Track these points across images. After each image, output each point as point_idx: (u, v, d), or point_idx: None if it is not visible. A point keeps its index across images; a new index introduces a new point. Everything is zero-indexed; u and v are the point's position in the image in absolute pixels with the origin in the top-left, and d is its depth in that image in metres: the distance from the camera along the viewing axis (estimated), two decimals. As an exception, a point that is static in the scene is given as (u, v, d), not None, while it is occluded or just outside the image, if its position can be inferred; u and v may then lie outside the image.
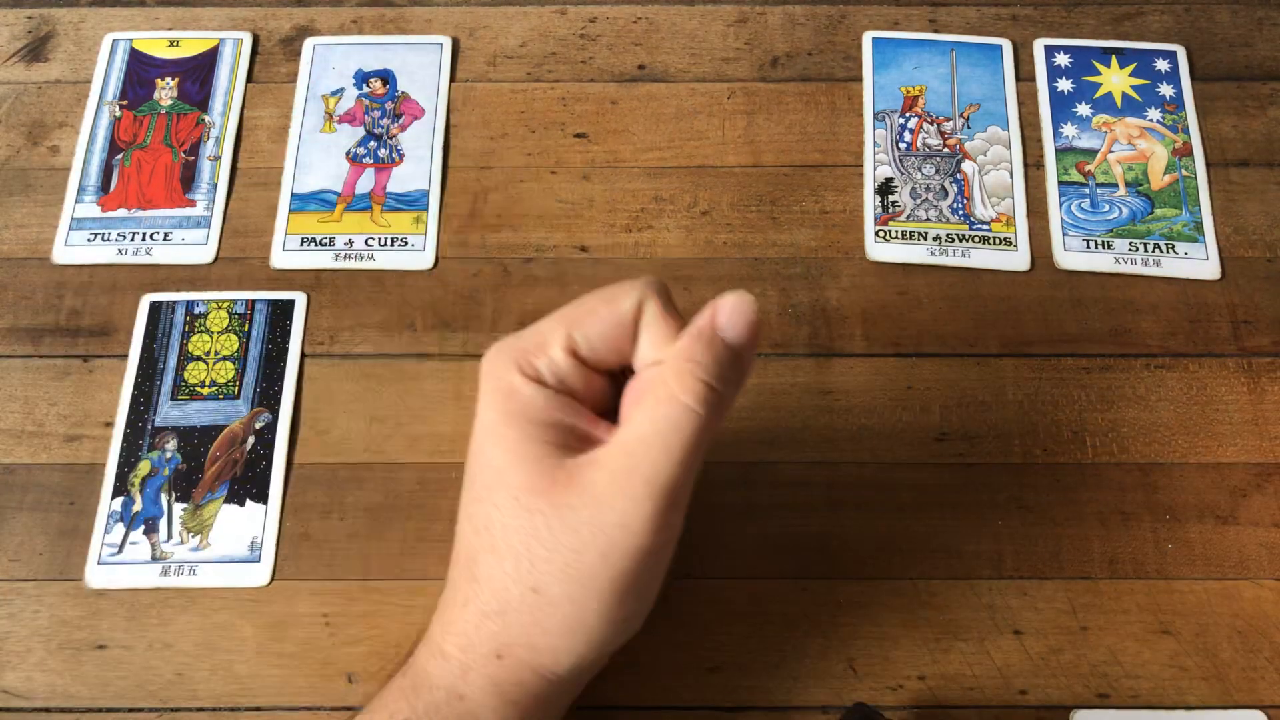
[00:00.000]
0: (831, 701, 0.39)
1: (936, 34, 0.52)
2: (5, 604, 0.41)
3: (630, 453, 0.30)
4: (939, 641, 0.40)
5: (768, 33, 0.53)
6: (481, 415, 0.32)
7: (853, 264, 0.47)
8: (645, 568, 0.31)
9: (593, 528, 0.30)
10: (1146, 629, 0.40)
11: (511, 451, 0.31)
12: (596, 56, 0.52)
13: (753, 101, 0.51)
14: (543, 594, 0.30)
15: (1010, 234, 0.48)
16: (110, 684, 0.40)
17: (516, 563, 0.30)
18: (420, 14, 0.53)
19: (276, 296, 0.47)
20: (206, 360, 0.45)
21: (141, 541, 0.42)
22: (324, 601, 0.41)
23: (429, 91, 0.51)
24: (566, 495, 0.30)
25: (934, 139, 0.50)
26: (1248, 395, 0.44)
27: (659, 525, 0.30)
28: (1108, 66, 0.51)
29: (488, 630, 0.31)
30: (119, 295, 0.47)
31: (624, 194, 0.49)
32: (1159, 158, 0.49)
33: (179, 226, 0.48)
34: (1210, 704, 0.39)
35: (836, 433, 0.44)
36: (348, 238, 0.48)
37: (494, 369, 0.32)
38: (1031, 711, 0.39)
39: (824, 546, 0.42)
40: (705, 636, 0.40)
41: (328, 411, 0.44)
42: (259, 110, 0.51)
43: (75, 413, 0.45)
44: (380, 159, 0.50)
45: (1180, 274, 0.47)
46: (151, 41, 0.53)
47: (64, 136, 0.50)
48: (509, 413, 0.31)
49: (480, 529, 0.31)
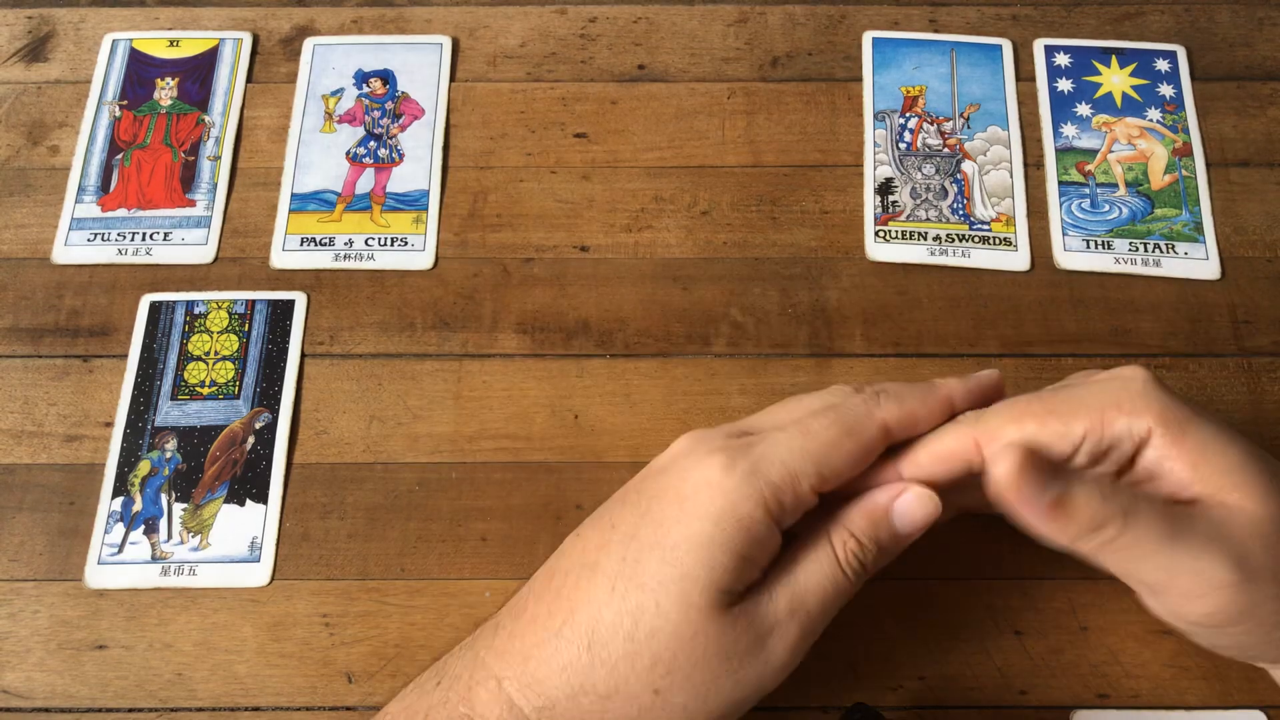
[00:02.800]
0: (831, 701, 0.39)
1: (936, 34, 0.52)
2: (5, 604, 0.41)
3: (793, 604, 0.31)
4: (939, 641, 0.40)
5: (768, 33, 0.53)
6: (692, 512, 0.31)
7: (853, 264, 0.47)
8: (751, 702, 0.32)
9: (740, 665, 0.31)
10: (1146, 629, 0.40)
11: (707, 569, 0.30)
12: (596, 56, 0.52)
13: (753, 101, 0.51)
14: (662, 697, 0.30)
15: (1010, 234, 0.48)
16: (110, 684, 0.40)
17: (654, 665, 0.30)
18: (420, 14, 0.53)
19: (276, 296, 0.47)
20: (206, 360, 0.45)
21: (141, 541, 0.42)
22: (323, 601, 0.41)
23: (429, 91, 0.51)
24: (731, 628, 0.30)
25: (934, 139, 0.50)
26: (1248, 395, 0.44)
27: (789, 669, 0.32)
28: (1108, 66, 0.51)
29: (582, 705, 0.30)
30: (119, 295, 0.47)
31: (624, 194, 0.49)
32: (1159, 158, 0.49)
33: (179, 226, 0.48)
34: (1210, 704, 0.39)
35: (836, 433, 0.44)
36: (348, 238, 0.48)
37: (735, 490, 0.31)
38: (1031, 711, 0.39)
39: (824, 546, 0.42)
40: (705, 636, 0.40)
41: (327, 411, 0.44)
42: (259, 110, 0.51)
43: (75, 413, 0.45)
44: (380, 159, 0.50)
45: (1180, 274, 0.47)
46: (151, 41, 0.53)
47: (64, 136, 0.50)
48: (733, 544, 0.31)
49: (623, 611, 0.30)
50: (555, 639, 0.31)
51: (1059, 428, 0.32)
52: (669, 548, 0.31)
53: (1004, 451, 0.30)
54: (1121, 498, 0.31)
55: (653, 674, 0.30)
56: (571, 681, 0.30)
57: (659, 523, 0.31)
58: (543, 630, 0.31)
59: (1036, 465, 0.30)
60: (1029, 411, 0.33)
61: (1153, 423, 0.32)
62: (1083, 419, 0.32)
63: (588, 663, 0.30)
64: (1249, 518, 0.31)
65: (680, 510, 0.31)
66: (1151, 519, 0.30)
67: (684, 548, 0.30)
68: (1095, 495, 0.30)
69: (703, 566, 0.30)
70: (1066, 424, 0.32)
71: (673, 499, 0.31)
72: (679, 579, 0.30)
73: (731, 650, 0.30)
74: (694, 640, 0.30)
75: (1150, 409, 0.32)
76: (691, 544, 0.30)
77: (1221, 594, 0.31)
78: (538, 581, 0.33)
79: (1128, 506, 0.30)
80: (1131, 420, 0.32)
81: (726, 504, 0.31)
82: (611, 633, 0.30)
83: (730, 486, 0.31)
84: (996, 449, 0.31)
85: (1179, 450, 0.32)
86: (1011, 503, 0.30)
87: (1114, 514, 0.30)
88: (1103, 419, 0.32)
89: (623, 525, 0.32)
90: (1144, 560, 0.31)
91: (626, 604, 0.30)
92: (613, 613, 0.30)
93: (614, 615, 0.30)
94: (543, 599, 0.32)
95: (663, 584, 0.30)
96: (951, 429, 0.34)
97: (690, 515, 0.31)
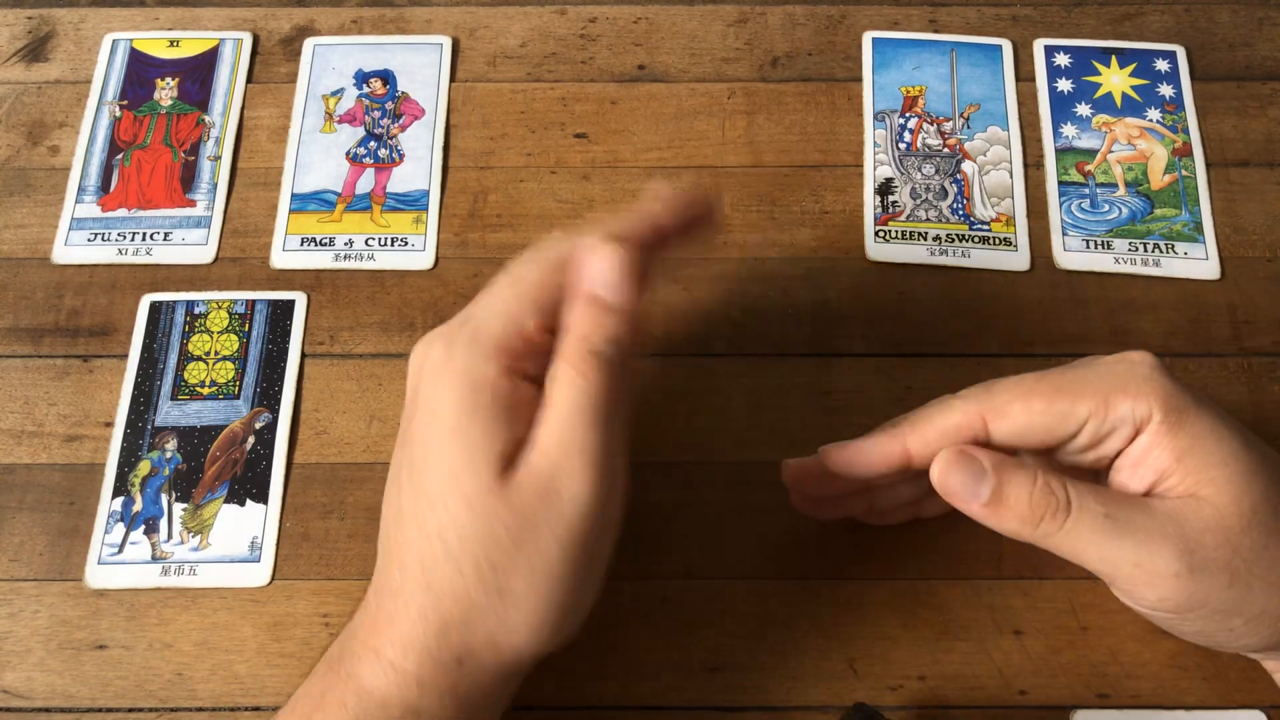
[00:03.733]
0: (831, 701, 0.39)
1: (936, 34, 0.52)
2: (5, 604, 0.41)
3: (561, 436, 0.31)
4: (939, 641, 0.40)
5: (768, 33, 0.53)
6: (435, 409, 0.31)
7: (853, 264, 0.47)
8: (598, 538, 0.31)
9: (548, 518, 0.30)
10: (1146, 629, 0.40)
11: (469, 449, 0.30)
12: (596, 56, 0.52)
13: (753, 101, 0.51)
14: (507, 594, 0.30)
15: (1010, 234, 0.48)
16: (110, 684, 0.40)
17: (478, 570, 0.30)
18: (420, 14, 0.53)
19: (276, 296, 0.47)
20: (206, 360, 0.45)
21: (141, 541, 0.42)
22: (324, 601, 0.41)
23: (429, 91, 0.51)
24: (519, 493, 0.30)
25: (934, 139, 0.50)
26: (1248, 395, 0.44)
27: (602, 493, 0.31)
28: (1108, 66, 0.51)
29: (451, 640, 0.31)
30: (119, 295, 0.47)
31: (624, 194, 0.49)
32: (1159, 158, 0.49)
33: (179, 226, 0.48)
34: (1210, 704, 0.39)
35: (836, 433, 0.44)
36: (348, 238, 0.48)
37: (461, 359, 0.31)
38: (1031, 711, 0.39)
39: (824, 546, 0.42)
40: (705, 636, 0.40)
41: (328, 411, 0.44)
42: (259, 110, 0.51)
43: (75, 413, 0.45)
44: (380, 159, 0.50)
45: (1180, 274, 0.47)
46: (151, 41, 0.53)
47: (64, 136, 0.50)
48: (476, 407, 0.31)
49: (432, 535, 0.31)
50: (402, 594, 0.31)
51: (1065, 407, 0.33)
52: (434, 456, 0.31)
53: (940, 455, 0.33)
54: (1060, 493, 0.32)
55: (483, 579, 0.30)
56: (431, 624, 0.31)
57: (422, 439, 0.31)
58: (393, 592, 0.32)
59: (967, 466, 0.33)
60: (1036, 390, 0.34)
61: (1155, 407, 0.33)
62: (1088, 400, 0.33)
63: (434, 601, 0.30)
64: (1213, 510, 0.32)
65: (430, 416, 0.31)
66: (1092, 514, 0.32)
67: (443, 445, 0.31)
68: (1028, 491, 0.33)
69: (462, 451, 0.30)
70: (1073, 404, 0.33)
71: (423, 410, 0.32)
72: (451, 476, 0.30)
73: (531, 513, 0.30)
74: (491, 524, 0.30)
75: (1154, 394, 0.33)
76: (446, 438, 0.31)
77: (1165, 583, 0.32)
78: (379, 552, 0.34)
79: (1067, 501, 0.32)
80: (1135, 404, 0.33)
81: (460, 380, 0.31)
82: (434, 562, 0.30)
83: (457, 363, 0.31)
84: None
85: (1171, 440, 0.33)
86: (949, 498, 0.34)
87: (1050, 508, 0.32)
88: (1108, 401, 0.33)
89: (403, 461, 0.32)
90: (1086, 551, 0.33)
91: (430, 528, 0.31)
92: (427, 543, 0.31)
93: (429, 544, 0.31)
94: (385, 566, 0.32)
95: (442, 490, 0.30)
96: (959, 405, 0.35)
97: (437, 414, 0.31)
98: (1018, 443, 0.35)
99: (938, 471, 0.34)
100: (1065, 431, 0.34)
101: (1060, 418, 0.33)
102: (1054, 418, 0.33)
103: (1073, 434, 0.34)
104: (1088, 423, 0.33)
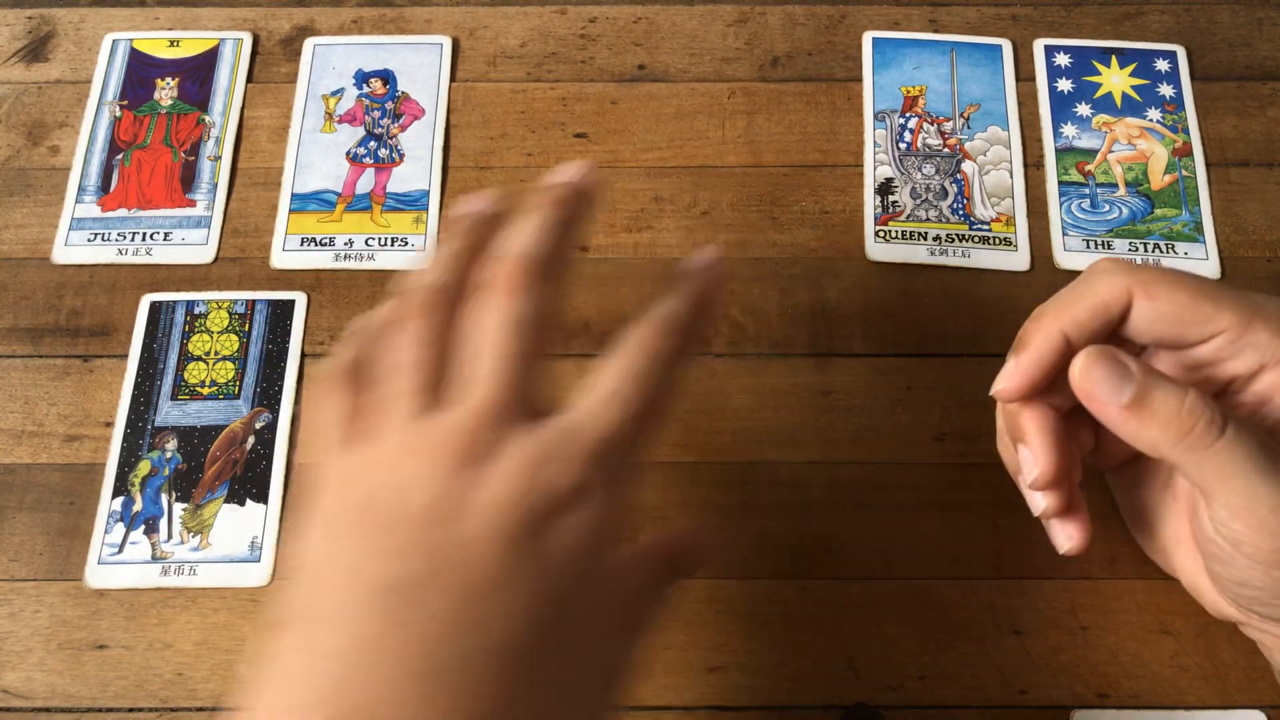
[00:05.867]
0: (831, 701, 0.39)
1: (936, 34, 0.52)
2: (5, 604, 0.41)
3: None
4: (939, 641, 0.40)
5: (768, 33, 0.53)
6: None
7: (853, 264, 0.47)
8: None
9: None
10: (1146, 629, 0.40)
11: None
12: (596, 56, 0.52)
13: (753, 101, 0.51)
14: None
15: (1010, 234, 0.48)
16: (110, 684, 0.40)
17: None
18: (420, 14, 0.53)
19: (276, 296, 0.47)
20: (207, 360, 0.45)
21: (141, 541, 0.42)
22: (324, 601, 0.41)
23: (429, 91, 0.51)
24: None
25: (934, 139, 0.50)
26: (1248, 395, 0.44)
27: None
28: (1108, 66, 0.51)
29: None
30: (119, 295, 0.47)
31: (624, 194, 0.49)
32: (1159, 158, 0.49)
33: (179, 226, 0.48)
34: (1210, 704, 0.39)
35: (836, 433, 0.44)
36: (348, 238, 0.48)
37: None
38: (1031, 711, 0.39)
39: (824, 546, 0.42)
40: (705, 636, 0.40)
41: (328, 411, 0.44)
42: (259, 110, 0.51)
43: (75, 413, 0.45)
44: (380, 159, 0.50)
45: (1180, 274, 0.47)
46: (151, 41, 0.53)
47: (64, 136, 0.50)
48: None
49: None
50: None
51: (1208, 309, 0.32)
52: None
53: (1082, 352, 0.31)
54: (1214, 410, 0.30)
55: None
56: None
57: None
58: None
59: (1109, 364, 0.30)
60: (1183, 282, 0.32)
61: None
62: (1231, 313, 0.32)
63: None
64: None
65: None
66: (1247, 440, 0.30)
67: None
68: (1179, 399, 0.30)
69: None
70: (1216, 309, 0.32)
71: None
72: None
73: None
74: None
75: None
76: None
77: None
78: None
79: (1223, 419, 0.30)
80: (1273, 337, 0.31)
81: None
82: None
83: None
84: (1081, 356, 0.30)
85: None
86: (1086, 400, 0.31)
87: (1204, 421, 0.30)
88: (1250, 323, 0.31)
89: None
90: (1229, 480, 0.30)
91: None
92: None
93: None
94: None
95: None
96: (1104, 279, 0.33)
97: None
98: (1148, 332, 0.33)
99: (1078, 369, 0.31)
100: (1198, 334, 0.32)
101: (1200, 317, 0.32)
102: (1194, 315, 0.32)
103: (1203, 339, 0.32)
104: (1221, 334, 0.32)
